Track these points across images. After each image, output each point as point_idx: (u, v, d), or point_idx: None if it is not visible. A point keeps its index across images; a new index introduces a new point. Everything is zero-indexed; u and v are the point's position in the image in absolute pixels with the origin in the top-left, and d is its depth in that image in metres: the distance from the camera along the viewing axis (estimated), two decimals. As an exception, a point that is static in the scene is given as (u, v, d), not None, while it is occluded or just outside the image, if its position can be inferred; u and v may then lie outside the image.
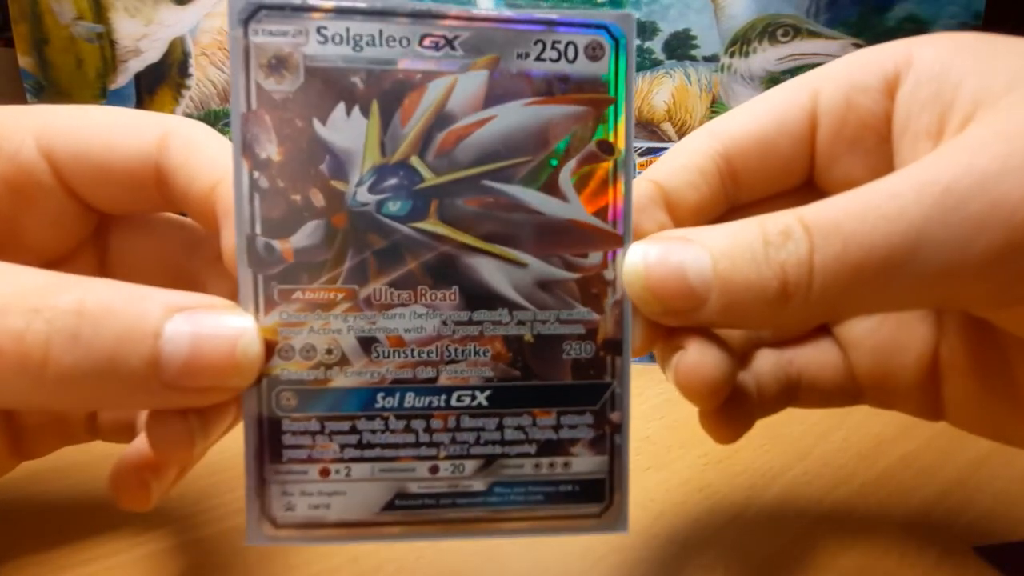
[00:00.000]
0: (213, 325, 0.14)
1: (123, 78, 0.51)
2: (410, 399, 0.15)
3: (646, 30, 0.52)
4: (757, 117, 0.18)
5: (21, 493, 0.24)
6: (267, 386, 0.15)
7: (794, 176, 0.18)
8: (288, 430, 0.15)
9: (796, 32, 0.51)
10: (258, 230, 0.14)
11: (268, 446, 0.15)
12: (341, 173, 0.15)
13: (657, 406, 0.33)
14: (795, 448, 0.29)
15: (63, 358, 0.12)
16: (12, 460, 0.20)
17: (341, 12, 0.14)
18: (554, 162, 0.15)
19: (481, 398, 0.15)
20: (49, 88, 0.50)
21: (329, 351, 0.15)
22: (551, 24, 0.15)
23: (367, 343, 0.15)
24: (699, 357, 0.16)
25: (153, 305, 0.13)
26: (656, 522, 0.23)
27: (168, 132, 0.18)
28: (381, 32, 0.14)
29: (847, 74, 0.17)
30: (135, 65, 0.51)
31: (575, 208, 0.15)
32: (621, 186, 0.15)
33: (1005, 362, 0.17)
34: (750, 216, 0.15)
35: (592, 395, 0.16)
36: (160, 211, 0.19)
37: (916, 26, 0.49)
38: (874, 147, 0.17)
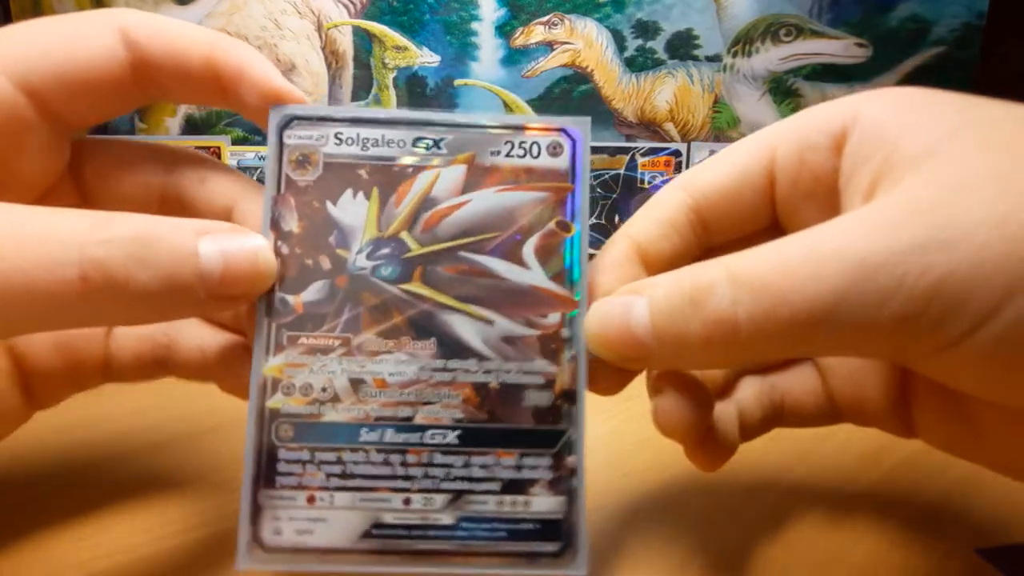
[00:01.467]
0: (237, 243, 0.16)
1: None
2: (390, 435, 0.17)
3: (648, 30, 0.52)
4: (723, 171, 0.19)
5: (22, 494, 0.24)
6: (268, 418, 0.17)
7: (760, 221, 0.20)
8: (283, 458, 0.17)
9: (799, 32, 0.51)
10: (276, 287, 0.17)
11: (264, 473, 0.17)
12: (345, 243, 0.18)
13: (658, 407, 0.33)
14: (797, 450, 0.29)
15: (139, 277, 0.15)
16: (27, 409, 0.21)
17: (354, 121, 0.18)
18: (519, 237, 0.18)
19: (452, 437, 0.17)
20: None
21: (324, 389, 0.17)
22: (518, 128, 0.18)
23: (356, 383, 0.17)
24: (673, 402, 0.18)
25: (187, 231, 0.16)
26: (656, 522, 0.23)
27: (122, 25, 0.18)
28: (384, 136, 0.18)
29: (800, 133, 0.18)
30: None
31: (536, 275, 0.18)
32: (577, 257, 0.18)
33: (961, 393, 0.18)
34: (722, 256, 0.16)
35: (550, 440, 0.18)
36: (138, 106, 0.20)
37: (918, 26, 0.49)
38: (825, 199, 0.18)
